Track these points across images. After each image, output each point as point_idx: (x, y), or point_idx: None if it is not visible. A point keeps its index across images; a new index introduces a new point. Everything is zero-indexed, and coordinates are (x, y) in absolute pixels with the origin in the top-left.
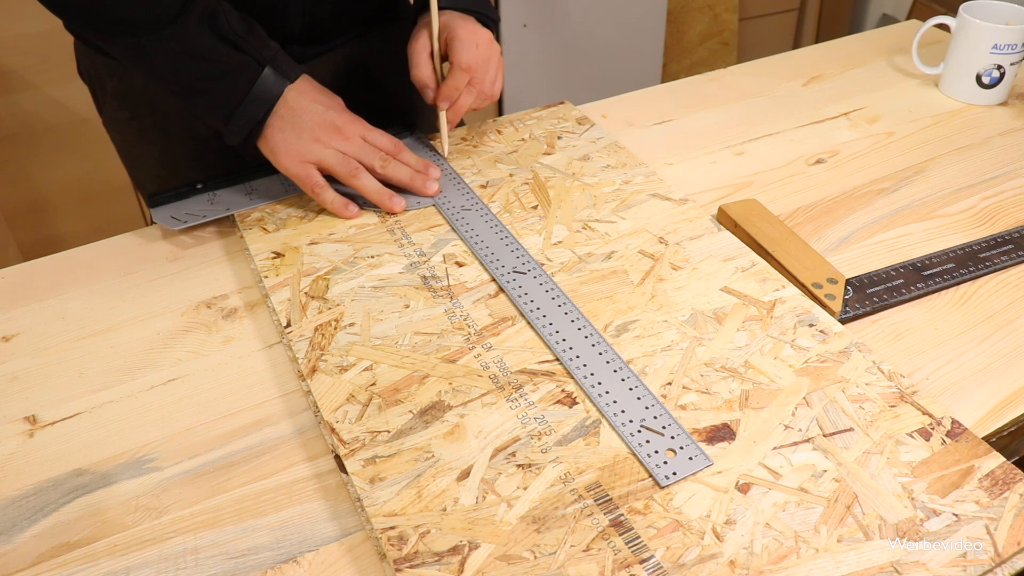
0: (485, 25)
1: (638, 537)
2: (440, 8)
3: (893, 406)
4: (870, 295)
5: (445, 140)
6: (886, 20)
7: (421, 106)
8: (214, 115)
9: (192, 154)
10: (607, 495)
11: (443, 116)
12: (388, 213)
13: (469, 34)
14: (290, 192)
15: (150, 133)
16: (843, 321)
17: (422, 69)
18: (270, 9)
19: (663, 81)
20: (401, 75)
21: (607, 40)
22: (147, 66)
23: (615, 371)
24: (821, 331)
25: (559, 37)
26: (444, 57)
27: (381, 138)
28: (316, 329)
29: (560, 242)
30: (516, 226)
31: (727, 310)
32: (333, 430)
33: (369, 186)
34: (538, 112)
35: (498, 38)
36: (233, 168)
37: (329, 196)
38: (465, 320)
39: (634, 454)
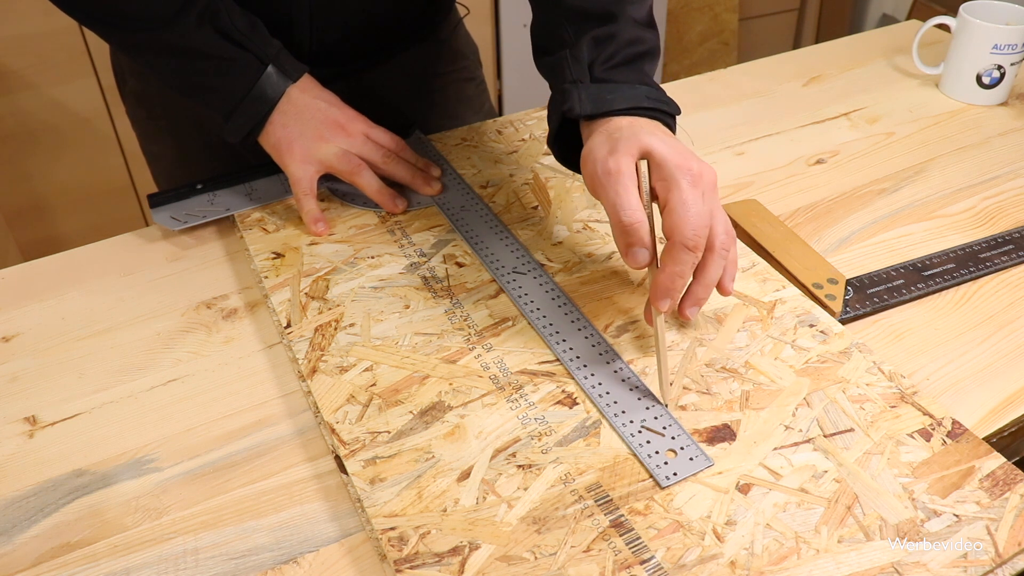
0: (668, 126)
1: (639, 538)
2: (614, 113)
3: (894, 406)
4: (870, 295)
5: (665, 374)
6: (886, 20)
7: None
8: (215, 111)
9: (204, 158)
10: (607, 496)
11: (660, 323)
12: (389, 213)
13: (690, 174)
14: (290, 192)
15: (165, 134)
16: (843, 321)
17: (635, 215)
18: (275, 29)
19: (663, 81)
20: (421, 104)
21: None
22: (148, 61)
23: (615, 371)
24: (821, 331)
25: None
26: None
27: (383, 135)
28: (316, 330)
29: (560, 242)
30: (516, 226)
31: (727, 310)
32: (333, 431)
33: (371, 184)
34: (538, 112)
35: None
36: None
37: (307, 207)
38: (465, 320)
39: (635, 455)
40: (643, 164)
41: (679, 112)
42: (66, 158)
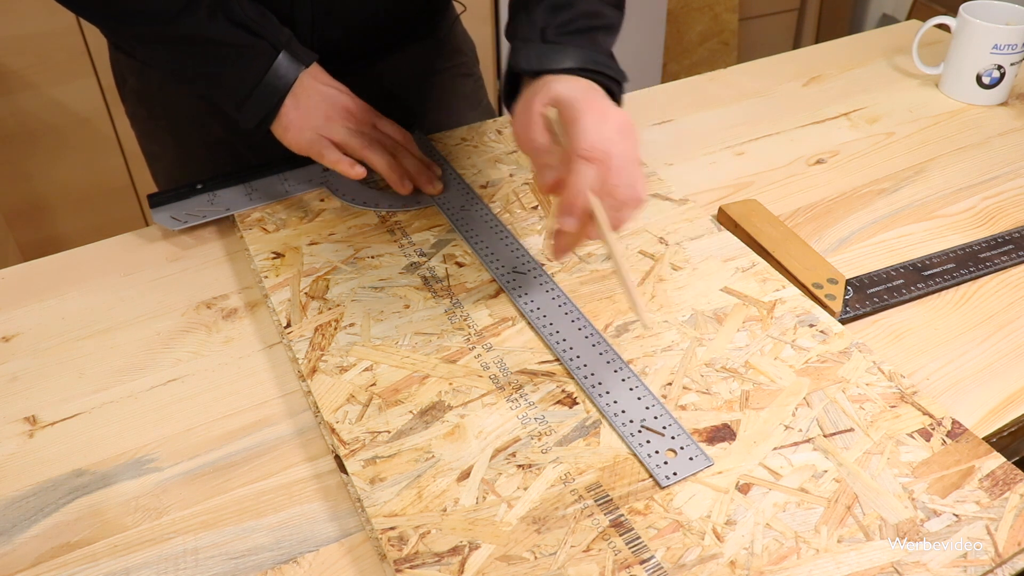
0: (612, 94)
1: (638, 538)
2: (550, 71)
3: (893, 406)
4: (870, 295)
5: (636, 295)
6: (886, 20)
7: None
8: (228, 99)
9: (204, 157)
10: (607, 495)
11: (612, 240)
12: (388, 212)
13: (596, 111)
14: (290, 192)
15: (164, 133)
16: (843, 321)
17: (536, 136)
18: None
19: (663, 81)
20: (419, 100)
21: None
22: (158, 54)
23: (615, 371)
24: (821, 331)
25: None
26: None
27: (391, 127)
28: (316, 329)
29: None
30: (516, 226)
31: (727, 310)
32: (333, 430)
33: (380, 160)
34: None
35: (619, 101)
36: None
37: (335, 156)
38: (465, 320)
39: (634, 454)
40: (552, 110)
41: (625, 79)
42: (66, 158)
